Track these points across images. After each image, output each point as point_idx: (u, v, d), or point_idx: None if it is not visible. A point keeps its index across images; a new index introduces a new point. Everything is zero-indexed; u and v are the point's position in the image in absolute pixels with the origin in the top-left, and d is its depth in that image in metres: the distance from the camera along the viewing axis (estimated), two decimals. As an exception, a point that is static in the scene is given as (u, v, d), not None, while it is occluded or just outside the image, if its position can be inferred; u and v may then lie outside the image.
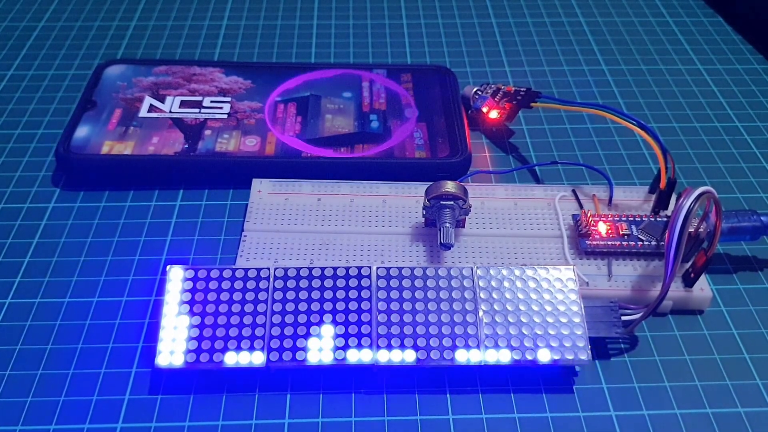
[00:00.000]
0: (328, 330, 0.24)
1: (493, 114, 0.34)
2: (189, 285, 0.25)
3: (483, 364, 0.23)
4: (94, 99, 0.34)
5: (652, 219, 0.28)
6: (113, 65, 0.37)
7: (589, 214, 0.28)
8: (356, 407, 0.24)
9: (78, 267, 0.28)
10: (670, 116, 0.37)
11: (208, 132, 0.33)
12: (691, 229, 0.26)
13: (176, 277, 0.25)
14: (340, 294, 0.24)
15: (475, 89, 0.36)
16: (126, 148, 0.32)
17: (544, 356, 0.23)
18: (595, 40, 0.43)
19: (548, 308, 0.24)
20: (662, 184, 0.28)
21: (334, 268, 0.25)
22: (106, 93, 0.35)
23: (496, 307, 0.24)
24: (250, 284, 0.25)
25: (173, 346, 0.23)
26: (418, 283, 0.25)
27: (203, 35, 0.43)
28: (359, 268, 0.25)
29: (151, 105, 0.34)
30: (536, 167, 0.33)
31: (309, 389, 0.24)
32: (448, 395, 0.24)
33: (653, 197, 0.29)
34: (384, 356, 0.23)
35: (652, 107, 0.37)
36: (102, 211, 0.31)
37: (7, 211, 0.31)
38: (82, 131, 0.32)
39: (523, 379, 0.24)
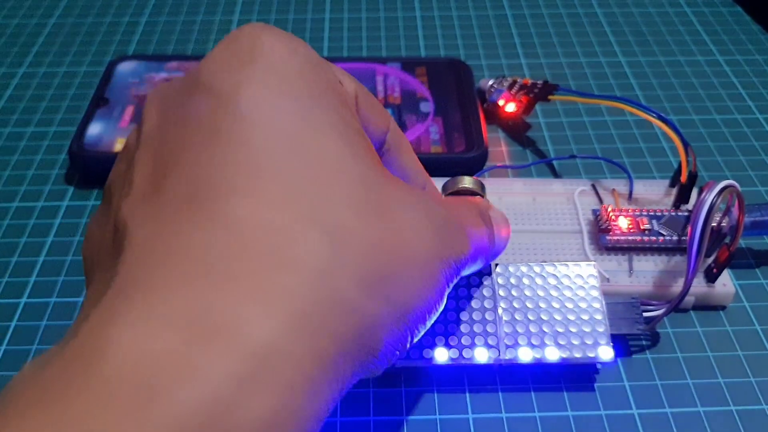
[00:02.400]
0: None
1: (510, 107, 0.34)
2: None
3: (503, 362, 0.23)
4: (107, 96, 0.34)
5: (673, 213, 0.28)
6: (125, 61, 0.37)
7: (609, 209, 0.27)
8: (373, 406, 0.23)
9: (93, 265, 0.28)
10: (689, 108, 0.36)
11: (221, 128, 0.33)
12: (714, 224, 0.25)
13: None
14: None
15: (490, 82, 0.35)
16: (139, 145, 0.31)
17: (566, 354, 0.23)
18: (612, 31, 0.42)
19: (569, 305, 0.24)
20: (683, 177, 0.28)
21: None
22: (118, 90, 0.35)
23: (515, 304, 0.24)
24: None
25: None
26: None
27: (215, 30, 0.43)
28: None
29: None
30: (554, 161, 0.33)
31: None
32: (467, 394, 0.24)
33: (674, 191, 0.29)
34: (403, 356, 0.23)
35: (671, 99, 0.37)
36: (116, 208, 0.31)
37: (20, 210, 0.31)
38: (94, 129, 0.32)
39: (544, 377, 0.24)
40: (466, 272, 0.19)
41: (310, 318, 0.13)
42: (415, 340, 0.17)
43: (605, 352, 0.23)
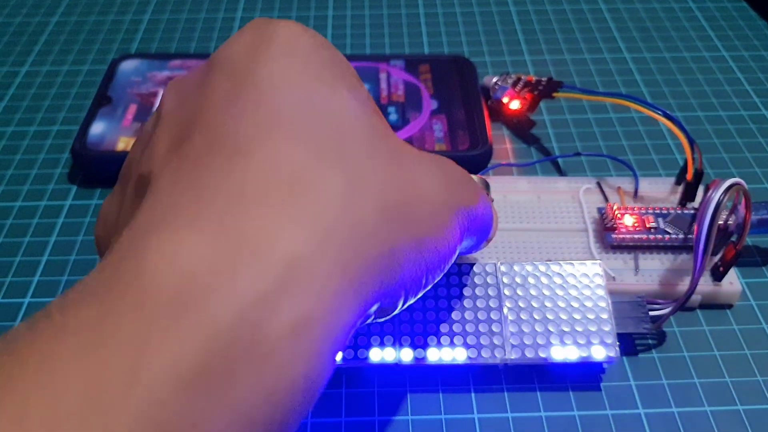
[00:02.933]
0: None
1: (514, 104, 0.34)
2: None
3: (508, 362, 0.23)
4: (109, 95, 0.34)
5: (679, 211, 0.27)
6: (127, 60, 0.37)
7: (615, 207, 0.27)
8: (379, 406, 0.23)
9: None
10: (694, 105, 0.36)
11: (224, 127, 0.32)
12: (720, 222, 0.25)
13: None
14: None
15: (494, 79, 0.35)
16: (142, 144, 0.31)
17: (571, 353, 0.23)
18: (616, 27, 0.42)
19: (575, 304, 0.24)
20: (689, 175, 0.27)
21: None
22: (120, 88, 0.35)
23: (521, 303, 0.24)
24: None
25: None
26: (440, 280, 0.24)
27: (218, 28, 0.43)
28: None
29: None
30: (559, 159, 0.32)
31: (331, 386, 0.24)
32: (472, 394, 0.24)
33: (680, 189, 0.28)
34: (407, 355, 0.23)
35: (676, 96, 0.36)
36: (119, 208, 0.30)
37: (23, 210, 0.30)
38: (97, 128, 0.32)
39: (549, 377, 0.24)
40: (466, 243, 0.19)
41: (335, 234, 0.14)
42: (429, 285, 0.17)
43: (611, 352, 0.23)
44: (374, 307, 0.15)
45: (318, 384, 0.13)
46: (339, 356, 0.14)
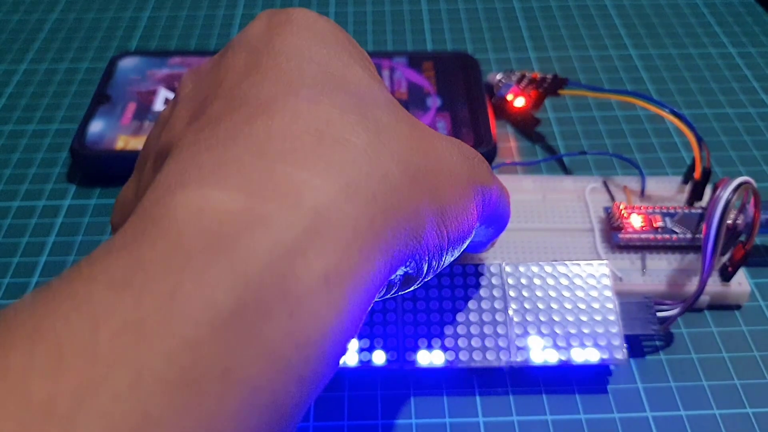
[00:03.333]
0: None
1: (519, 102, 0.33)
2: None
3: (514, 364, 0.22)
4: (108, 93, 0.34)
5: (687, 211, 0.27)
6: (127, 57, 0.36)
7: (621, 207, 0.27)
8: (382, 410, 0.23)
9: (95, 266, 0.28)
10: (701, 102, 0.35)
11: (225, 125, 0.32)
12: (729, 221, 0.25)
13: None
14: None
15: (498, 76, 0.35)
16: (140, 143, 0.31)
17: (578, 356, 0.22)
18: (622, 23, 0.42)
19: (581, 305, 0.23)
20: (697, 174, 0.27)
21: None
22: (120, 86, 0.34)
23: (526, 305, 0.23)
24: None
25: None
26: (444, 281, 0.24)
27: (218, 25, 0.42)
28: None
29: (166, 98, 0.34)
30: (564, 157, 0.32)
31: (334, 389, 0.23)
32: (477, 397, 0.23)
33: (687, 188, 0.28)
34: (411, 357, 0.22)
35: (683, 93, 0.36)
36: (119, 207, 0.30)
37: (22, 209, 0.30)
38: (96, 126, 0.32)
39: (556, 379, 0.24)
40: (482, 231, 0.19)
41: (362, 188, 0.14)
42: (449, 260, 0.17)
43: (619, 354, 0.22)
44: (400, 271, 0.15)
45: (346, 338, 0.13)
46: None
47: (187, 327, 0.11)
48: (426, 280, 0.17)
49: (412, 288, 0.17)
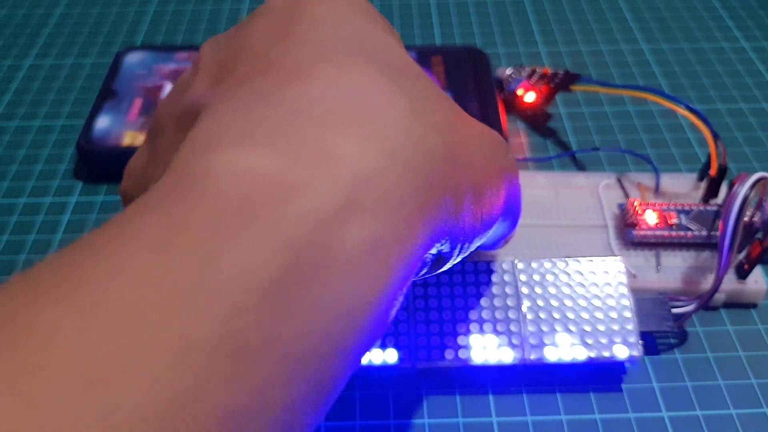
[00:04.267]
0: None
1: (529, 97, 0.33)
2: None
3: (527, 362, 0.22)
4: (115, 88, 0.33)
5: (702, 208, 0.27)
6: (133, 52, 0.36)
7: (636, 203, 0.26)
8: (393, 409, 0.23)
9: (103, 263, 0.27)
10: (714, 97, 0.35)
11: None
12: (745, 218, 0.24)
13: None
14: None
15: (508, 71, 0.34)
16: (149, 139, 0.31)
17: (593, 353, 0.22)
18: (633, 17, 0.41)
19: (595, 302, 0.23)
20: (713, 170, 0.27)
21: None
22: (126, 82, 0.34)
23: (539, 302, 0.23)
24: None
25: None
26: (456, 278, 0.23)
27: (225, 19, 0.42)
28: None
29: (172, 94, 0.33)
30: (576, 154, 0.32)
31: (345, 389, 0.23)
32: (490, 396, 0.23)
33: (702, 184, 0.28)
34: (423, 356, 0.22)
35: (695, 88, 0.36)
36: (126, 204, 0.30)
37: (28, 206, 0.30)
38: (102, 122, 0.31)
39: (570, 378, 0.23)
40: (500, 225, 0.19)
41: (404, 156, 0.13)
42: (478, 243, 0.17)
43: (634, 351, 0.22)
44: (435, 249, 0.15)
45: (389, 310, 0.13)
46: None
47: (235, 293, 0.10)
48: (453, 263, 0.16)
49: (440, 270, 0.17)
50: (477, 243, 0.17)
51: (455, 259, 0.16)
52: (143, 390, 0.09)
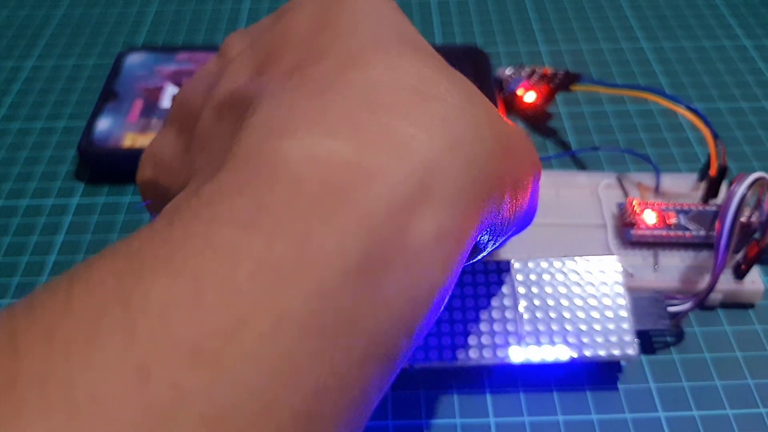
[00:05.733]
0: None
1: (529, 97, 0.33)
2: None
3: (524, 362, 0.22)
4: (116, 90, 0.34)
5: (701, 208, 0.27)
6: (134, 53, 0.36)
7: (635, 203, 0.26)
8: (392, 409, 0.23)
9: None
10: (714, 96, 0.35)
11: (232, 121, 0.32)
12: (743, 219, 0.24)
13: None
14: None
15: (508, 71, 0.34)
16: (148, 141, 0.31)
17: (589, 352, 0.22)
18: (633, 15, 0.41)
19: (591, 302, 0.23)
20: (712, 171, 0.27)
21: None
22: (127, 83, 0.34)
23: (535, 301, 0.23)
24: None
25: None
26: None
27: (225, 19, 0.42)
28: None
29: (173, 95, 0.33)
30: (576, 153, 0.32)
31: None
32: (488, 395, 0.23)
33: (702, 185, 0.28)
34: (421, 356, 0.22)
35: (696, 86, 0.35)
36: (127, 206, 0.30)
37: (30, 208, 0.30)
38: (103, 124, 0.32)
39: (566, 377, 0.23)
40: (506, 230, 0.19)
41: (464, 147, 0.13)
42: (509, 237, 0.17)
43: (630, 350, 0.22)
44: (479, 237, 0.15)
45: (445, 297, 0.13)
46: None
47: (323, 272, 0.11)
48: (484, 255, 0.17)
49: (473, 261, 0.17)
50: (507, 236, 0.17)
51: (488, 251, 0.17)
52: (245, 365, 0.09)
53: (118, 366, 0.09)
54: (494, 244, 0.16)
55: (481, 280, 0.23)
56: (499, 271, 0.24)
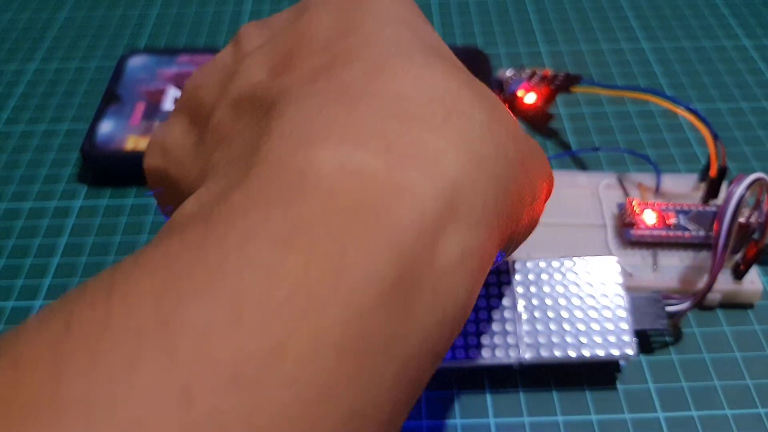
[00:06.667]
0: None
1: (529, 98, 0.33)
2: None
3: (523, 361, 0.22)
4: (118, 92, 0.34)
5: (701, 209, 0.27)
6: (136, 56, 0.36)
7: (634, 203, 0.27)
8: (393, 410, 0.23)
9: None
10: (714, 96, 0.35)
11: (234, 124, 0.32)
12: (742, 219, 0.24)
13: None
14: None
15: (509, 72, 0.34)
16: (152, 143, 0.31)
17: (587, 352, 0.22)
18: (634, 16, 0.41)
19: (590, 301, 0.23)
20: (712, 171, 0.27)
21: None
22: (129, 86, 0.34)
23: (534, 301, 0.23)
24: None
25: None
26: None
27: (227, 22, 0.42)
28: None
29: (174, 97, 0.34)
30: (576, 154, 0.32)
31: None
32: (487, 395, 0.23)
33: (702, 185, 0.28)
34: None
35: (695, 87, 0.36)
36: (130, 208, 0.30)
37: (34, 211, 0.30)
38: (106, 126, 0.32)
39: (565, 376, 0.23)
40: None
41: (489, 163, 0.13)
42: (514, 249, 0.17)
43: (628, 349, 0.22)
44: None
45: (469, 314, 0.13)
46: None
47: (358, 295, 0.10)
48: (498, 264, 0.17)
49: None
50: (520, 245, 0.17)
51: (502, 260, 0.17)
52: (284, 390, 0.09)
53: (160, 390, 0.09)
54: (510, 252, 0.16)
55: (481, 281, 0.24)
56: (498, 271, 0.24)
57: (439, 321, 0.12)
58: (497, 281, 0.24)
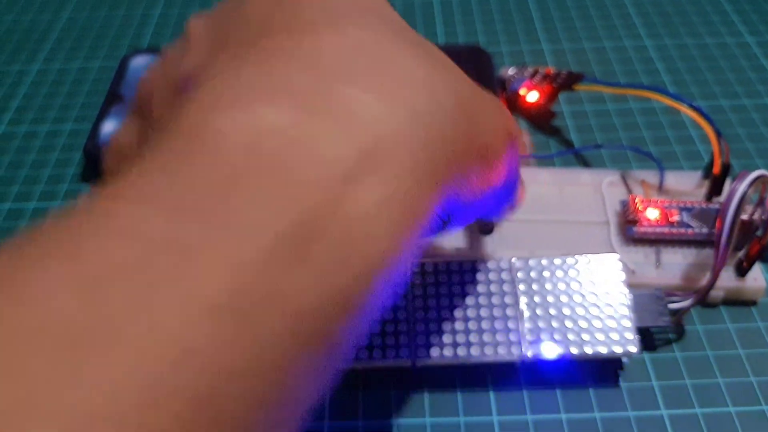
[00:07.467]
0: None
1: (532, 96, 0.33)
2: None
3: (525, 359, 0.22)
4: (120, 93, 0.34)
5: (704, 206, 0.27)
6: (138, 56, 0.36)
7: (637, 200, 0.27)
8: (394, 407, 0.23)
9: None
10: (717, 93, 0.35)
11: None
12: (745, 216, 0.24)
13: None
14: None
15: (511, 71, 0.34)
16: (154, 142, 0.31)
17: (590, 349, 0.22)
18: (636, 12, 0.41)
19: (592, 299, 0.23)
20: (716, 169, 0.27)
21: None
22: (131, 86, 0.34)
23: (536, 299, 0.23)
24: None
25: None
26: (454, 278, 0.24)
27: (229, 21, 0.42)
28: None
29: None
30: (579, 151, 0.32)
31: (347, 389, 0.23)
32: (491, 392, 0.23)
33: (705, 182, 0.28)
34: (423, 354, 0.22)
35: (698, 84, 0.35)
36: (132, 207, 0.30)
37: (38, 211, 0.30)
38: (109, 127, 0.32)
39: (568, 374, 0.23)
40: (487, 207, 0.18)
41: (423, 116, 0.13)
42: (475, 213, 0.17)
43: (631, 346, 0.22)
44: (444, 211, 0.15)
45: (399, 272, 0.13)
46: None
47: (238, 250, 0.10)
48: (459, 227, 0.16)
49: (447, 234, 0.17)
50: (482, 208, 0.17)
51: (462, 223, 0.16)
52: (137, 356, 0.09)
53: None
54: (466, 216, 0.16)
55: (483, 278, 0.24)
56: (500, 269, 0.24)
57: (349, 273, 0.11)
58: (499, 278, 0.24)
